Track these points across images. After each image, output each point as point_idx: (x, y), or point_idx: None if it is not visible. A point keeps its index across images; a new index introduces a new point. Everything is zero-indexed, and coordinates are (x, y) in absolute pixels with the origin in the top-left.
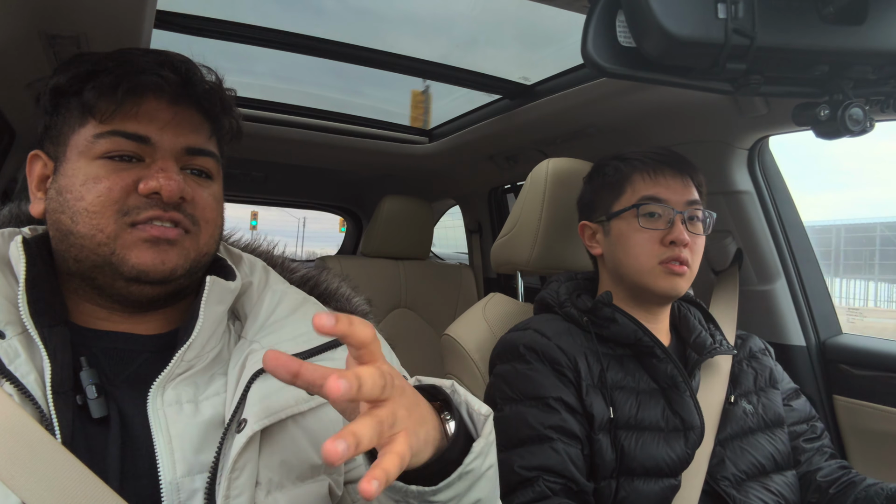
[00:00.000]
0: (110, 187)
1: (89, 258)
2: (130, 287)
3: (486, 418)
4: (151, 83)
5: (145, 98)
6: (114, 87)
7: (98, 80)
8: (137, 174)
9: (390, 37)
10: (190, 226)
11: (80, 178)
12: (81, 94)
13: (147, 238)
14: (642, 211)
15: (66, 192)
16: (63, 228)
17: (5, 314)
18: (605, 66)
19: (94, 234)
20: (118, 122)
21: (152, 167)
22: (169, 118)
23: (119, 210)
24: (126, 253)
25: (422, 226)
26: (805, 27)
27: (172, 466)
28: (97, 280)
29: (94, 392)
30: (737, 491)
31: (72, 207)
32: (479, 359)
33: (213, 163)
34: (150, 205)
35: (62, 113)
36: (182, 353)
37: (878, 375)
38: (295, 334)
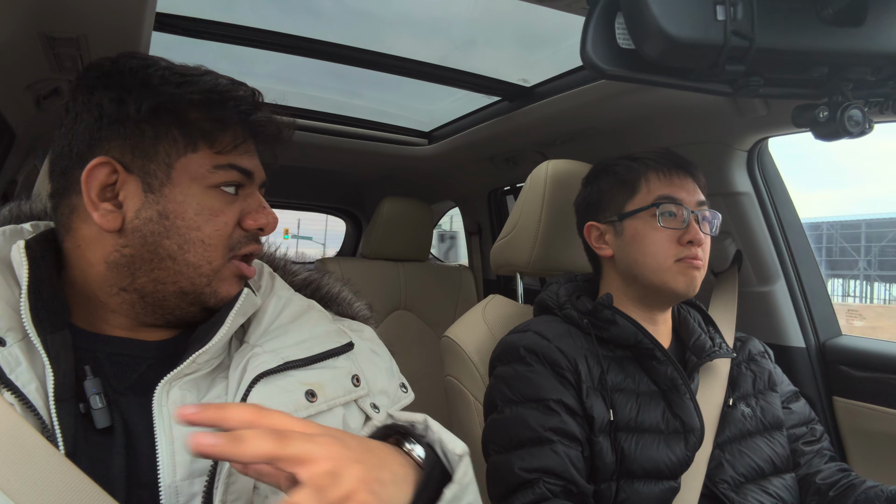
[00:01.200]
0: (226, 221)
1: (179, 284)
2: (200, 313)
3: (461, 458)
4: (263, 124)
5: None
6: (231, 122)
7: (213, 112)
8: (239, 207)
9: (389, 39)
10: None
11: (193, 206)
12: (190, 119)
13: (239, 274)
14: (662, 210)
15: (175, 218)
16: (162, 253)
17: (6, 320)
18: (605, 67)
19: (202, 264)
20: (235, 157)
21: (249, 201)
22: (254, 152)
23: (227, 245)
24: (220, 285)
25: (421, 227)
26: (804, 29)
27: (172, 469)
28: (168, 302)
29: (99, 402)
30: (735, 494)
31: (183, 235)
32: (479, 360)
33: (263, 190)
34: (250, 239)
35: (158, 130)
36: (196, 357)
37: (878, 377)
38: (298, 340)
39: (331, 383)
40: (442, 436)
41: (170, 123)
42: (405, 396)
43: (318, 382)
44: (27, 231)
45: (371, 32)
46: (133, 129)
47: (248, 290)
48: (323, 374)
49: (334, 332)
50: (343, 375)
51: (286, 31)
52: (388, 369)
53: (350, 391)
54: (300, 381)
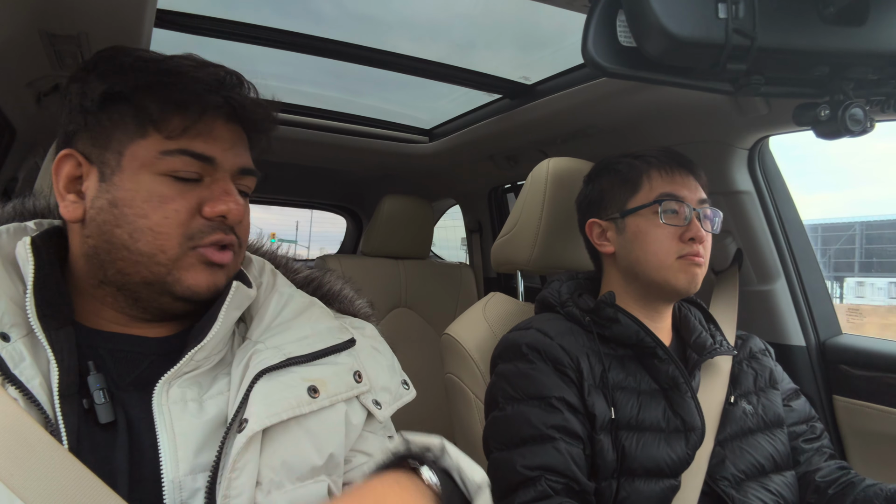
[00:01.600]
0: (178, 209)
1: (140, 274)
2: (175, 304)
3: (480, 489)
4: (219, 103)
5: (209, 116)
6: (183, 104)
7: (163, 94)
8: (199, 195)
9: (389, 42)
10: (237, 247)
11: (142, 193)
12: (141, 103)
13: (205, 261)
14: (664, 207)
15: (123, 206)
16: (116, 242)
17: (11, 316)
18: (606, 65)
19: (156, 253)
20: (186, 141)
21: (214, 188)
22: (228, 137)
23: (184, 234)
24: (182, 274)
25: (422, 225)
26: (806, 27)
27: (175, 465)
28: (140, 293)
29: (102, 397)
30: (736, 491)
31: (132, 223)
32: (480, 358)
33: (254, 181)
34: (213, 228)
35: (112, 118)
36: (193, 353)
37: (878, 376)
38: (300, 336)
39: (333, 379)
40: (461, 462)
41: (123, 111)
42: (407, 393)
43: (321, 379)
44: (31, 229)
45: (371, 35)
46: (93, 120)
47: (239, 282)
48: (325, 370)
49: (336, 328)
50: (345, 372)
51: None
52: (389, 366)
53: (352, 387)
54: (302, 378)
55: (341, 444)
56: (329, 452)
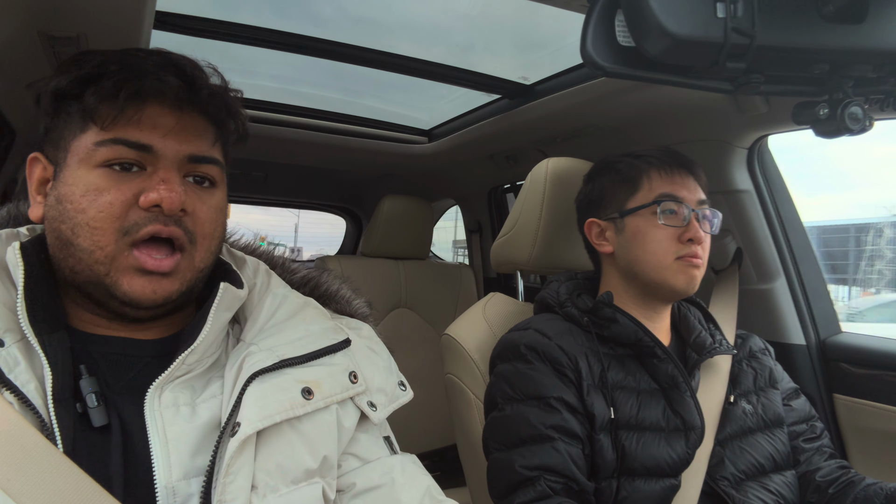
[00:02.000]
0: (111, 201)
1: (85, 272)
2: (123, 308)
3: None
4: (154, 88)
5: (147, 103)
6: (115, 92)
7: (99, 84)
8: (139, 185)
9: (389, 44)
10: (186, 243)
11: (80, 187)
12: (83, 97)
13: (139, 268)
14: (663, 208)
15: (65, 202)
16: (63, 238)
17: (4, 321)
18: (605, 65)
19: (94, 250)
20: (119, 130)
21: (153, 178)
22: (172, 124)
23: (120, 228)
24: (119, 277)
25: (421, 225)
26: (805, 26)
27: (168, 470)
28: (92, 294)
29: (95, 400)
30: (736, 491)
31: (72, 219)
32: (480, 358)
33: (217, 170)
34: (150, 219)
35: (62, 116)
36: (184, 358)
37: (878, 374)
38: (293, 338)
39: (328, 380)
40: None
41: (71, 108)
42: (404, 394)
43: (315, 380)
44: (23, 234)
45: (371, 38)
46: (49, 121)
47: (227, 283)
48: (320, 371)
49: (331, 329)
50: (340, 372)
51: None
52: (386, 367)
53: (347, 388)
54: (296, 379)
55: (335, 447)
56: (323, 455)
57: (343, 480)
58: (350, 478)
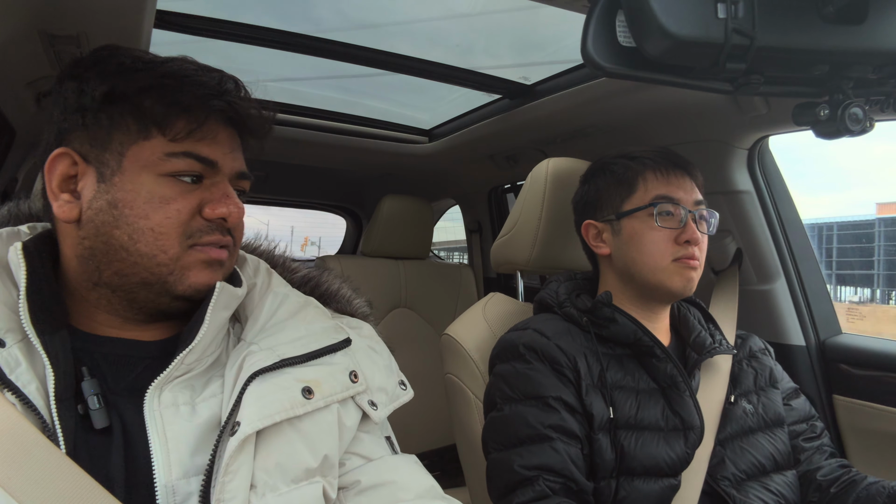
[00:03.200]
0: (179, 209)
1: (139, 275)
2: (173, 303)
3: None
4: (223, 108)
5: (214, 121)
6: (187, 108)
7: (167, 97)
8: (201, 197)
9: (389, 45)
10: (232, 247)
11: (143, 194)
12: (143, 105)
13: (206, 260)
14: (659, 210)
15: (123, 207)
16: (114, 244)
17: (5, 322)
18: (605, 65)
19: (157, 254)
20: (191, 144)
21: (214, 191)
22: (228, 142)
23: (183, 233)
24: (185, 273)
25: (422, 225)
26: (805, 27)
27: (168, 469)
28: (137, 295)
29: (96, 403)
30: (737, 491)
31: (132, 224)
32: (479, 358)
33: (249, 184)
34: (212, 229)
35: (113, 118)
36: (182, 357)
37: (878, 375)
38: (294, 337)
39: (328, 380)
40: None
41: (124, 111)
42: (404, 394)
43: (315, 379)
44: (24, 233)
45: (371, 40)
46: (91, 119)
47: (223, 282)
48: (320, 370)
49: (331, 328)
50: (340, 372)
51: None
52: (386, 366)
53: (348, 387)
54: (296, 379)
55: (335, 446)
56: (323, 454)
57: (347, 478)
58: (353, 476)
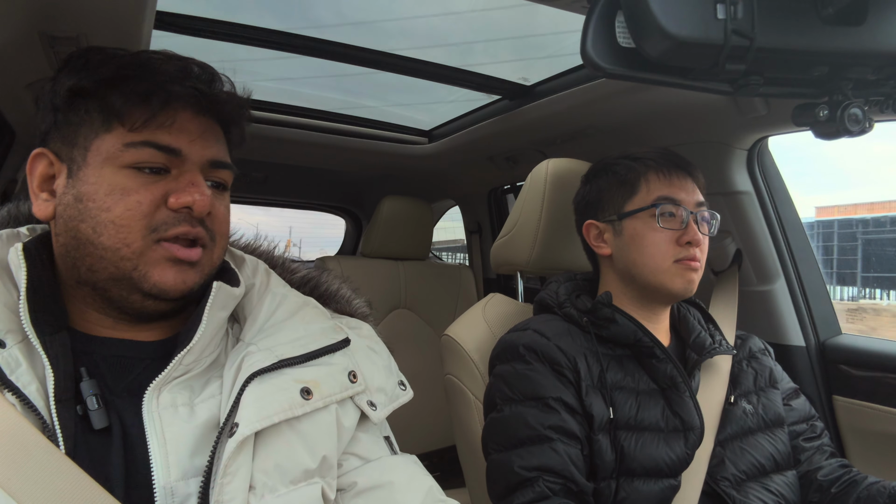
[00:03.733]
0: (140, 201)
1: (107, 270)
2: (145, 302)
3: None
4: (183, 93)
5: (176, 109)
6: (146, 96)
7: (127, 86)
8: (165, 187)
9: (389, 46)
10: (208, 241)
11: (104, 187)
12: (106, 98)
13: (171, 258)
14: (661, 211)
15: (87, 201)
16: (81, 238)
17: (5, 322)
18: (605, 66)
19: (120, 247)
20: (150, 133)
21: (181, 180)
22: (196, 130)
23: (147, 225)
24: (149, 270)
25: (421, 226)
26: (804, 28)
27: (167, 470)
28: (110, 292)
29: (95, 403)
30: (737, 491)
31: (95, 217)
32: (479, 359)
33: (230, 174)
34: (178, 220)
35: (80, 114)
36: (181, 358)
37: (877, 376)
38: (292, 338)
39: (327, 380)
40: None
41: (90, 107)
42: (403, 394)
43: (314, 380)
44: (24, 235)
45: (371, 41)
46: (62, 117)
47: (221, 282)
48: (319, 371)
49: (330, 328)
50: (339, 372)
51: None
52: (385, 367)
53: (347, 387)
54: (295, 379)
55: (334, 447)
56: (322, 455)
57: (344, 479)
58: (351, 477)
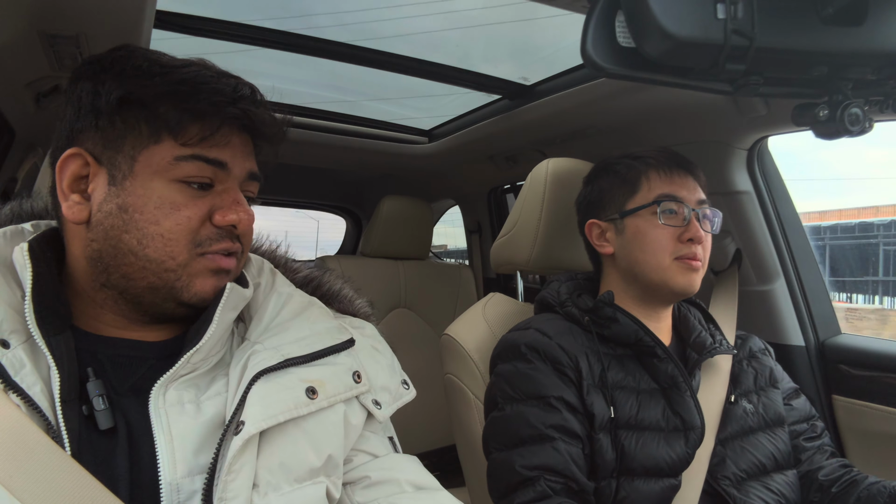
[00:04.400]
0: (189, 216)
1: (147, 279)
2: (178, 308)
3: None
4: (236, 115)
5: (228, 127)
6: (202, 115)
7: (184, 104)
8: (211, 203)
9: (388, 48)
10: (240, 254)
11: (154, 199)
12: (159, 111)
13: (214, 268)
14: (662, 208)
15: (134, 212)
16: (123, 248)
17: (10, 323)
18: (605, 66)
19: (165, 260)
20: (201, 148)
21: (224, 197)
22: (240, 146)
23: (193, 240)
24: (192, 280)
25: (421, 226)
26: (804, 28)
27: (173, 466)
28: (143, 298)
29: (101, 403)
30: (737, 490)
31: (142, 230)
32: (479, 358)
33: (258, 186)
34: (222, 236)
35: (128, 122)
36: (189, 357)
37: (877, 376)
38: (298, 337)
39: (332, 380)
40: None
41: (139, 116)
42: (407, 393)
43: (319, 379)
44: (28, 231)
45: (370, 41)
46: (105, 121)
47: (233, 283)
48: (324, 370)
49: (335, 328)
50: (344, 372)
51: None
52: (389, 366)
53: (351, 387)
54: (301, 379)
55: (340, 446)
56: (327, 454)
57: (354, 473)
58: (362, 471)
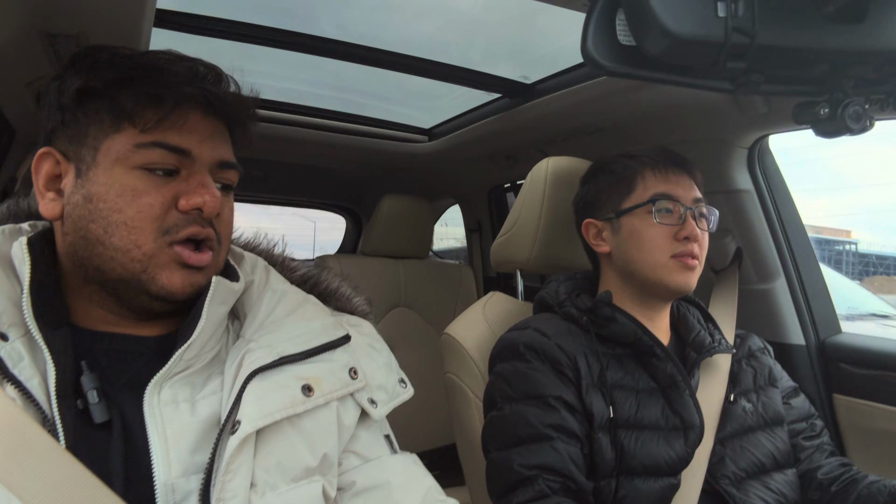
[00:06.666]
0: (152, 203)
1: (116, 270)
2: (152, 303)
3: None
4: (194, 95)
5: (187, 110)
6: (158, 97)
7: (138, 87)
8: (176, 189)
9: (388, 46)
10: (216, 244)
11: (115, 187)
12: (116, 98)
13: (181, 261)
14: (658, 207)
15: (98, 201)
16: (91, 238)
17: (8, 316)
18: (605, 64)
19: (130, 248)
20: (161, 134)
21: (190, 181)
22: (205, 130)
23: (159, 228)
24: (158, 272)
25: (421, 225)
26: (805, 26)
27: (168, 466)
28: (118, 291)
29: (96, 396)
30: (737, 489)
31: (106, 218)
32: (479, 358)
33: (236, 174)
34: (189, 221)
35: (88, 114)
36: (181, 353)
37: (877, 374)
38: (293, 335)
39: (328, 377)
40: None
41: (99, 107)
42: (404, 392)
43: (315, 377)
44: (25, 230)
45: (370, 40)
46: (70, 117)
47: (220, 277)
48: (320, 367)
49: (330, 325)
50: (340, 368)
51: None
52: (386, 364)
53: (347, 384)
54: (296, 376)
55: (335, 444)
56: (323, 452)
57: (343, 478)
58: (350, 476)
